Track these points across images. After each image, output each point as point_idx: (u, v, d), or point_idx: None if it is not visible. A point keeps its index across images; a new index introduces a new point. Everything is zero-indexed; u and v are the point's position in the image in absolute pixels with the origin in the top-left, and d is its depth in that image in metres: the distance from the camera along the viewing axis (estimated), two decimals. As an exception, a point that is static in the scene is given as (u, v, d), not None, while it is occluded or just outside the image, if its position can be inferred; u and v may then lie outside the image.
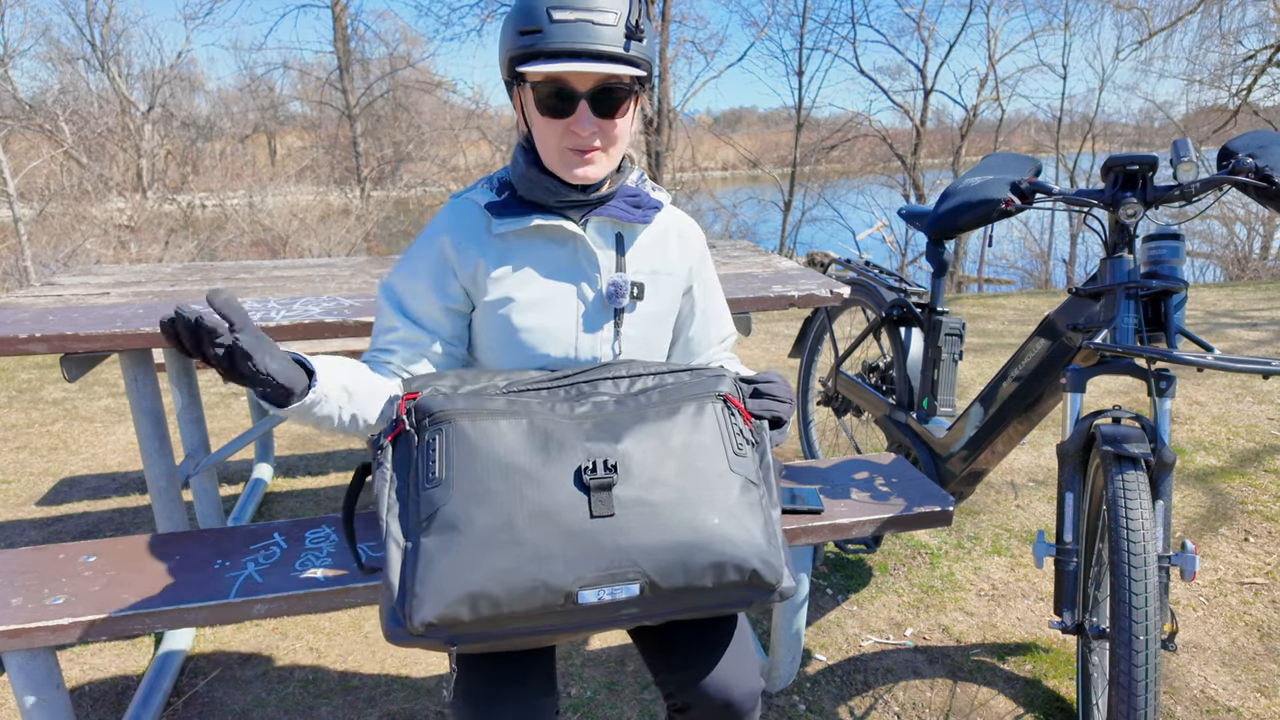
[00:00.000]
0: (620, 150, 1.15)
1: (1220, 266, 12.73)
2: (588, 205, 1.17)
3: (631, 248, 1.22)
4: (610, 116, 1.09)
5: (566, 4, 1.03)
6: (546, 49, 1.03)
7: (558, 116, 1.08)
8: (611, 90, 1.07)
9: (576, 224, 1.18)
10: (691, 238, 1.30)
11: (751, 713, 1.14)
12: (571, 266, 1.19)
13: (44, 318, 1.74)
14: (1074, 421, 1.58)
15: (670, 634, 1.17)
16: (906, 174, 16.35)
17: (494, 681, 1.08)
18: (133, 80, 16.78)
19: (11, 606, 1.30)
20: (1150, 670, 1.29)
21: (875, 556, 2.41)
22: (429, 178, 19.38)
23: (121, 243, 12.44)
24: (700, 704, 1.12)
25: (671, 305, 1.28)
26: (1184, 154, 1.51)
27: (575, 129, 1.08)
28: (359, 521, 1.57)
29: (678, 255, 1.27)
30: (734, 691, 1.12)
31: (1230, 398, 3.69)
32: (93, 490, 2.95)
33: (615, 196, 1.19)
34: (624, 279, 1.19)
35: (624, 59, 1.06)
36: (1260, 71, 12.96)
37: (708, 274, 1.34)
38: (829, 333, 2.73)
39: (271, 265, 2.60)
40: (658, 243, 1.26)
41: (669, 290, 1.26)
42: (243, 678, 1.89)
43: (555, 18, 1.03)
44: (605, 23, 1.03)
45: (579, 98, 1.07)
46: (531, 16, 1.04)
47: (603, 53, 1.04)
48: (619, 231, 1.21)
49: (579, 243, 1.18)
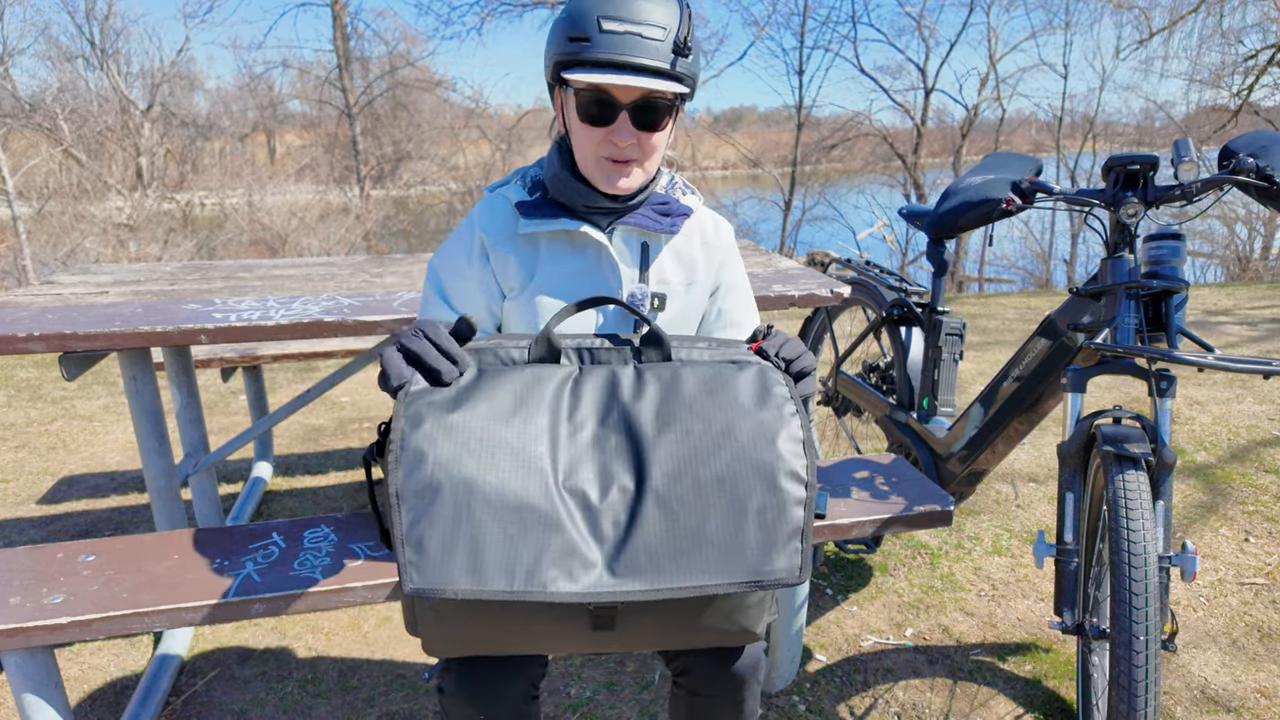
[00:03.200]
0: (656, 162, 1.15)
1: (1221, 266, 12.73)
2: (615, 213, 1.17)
3: (656, 259, 1.22)
4: (650, 130, 1.09)
5: (618, 15, 1.03)
6: (593, 58, 1.03)
7: (598, 125, 1.08)
8: (653, 104, 1.07)
9: (603, 231, 1.18)
10: (716, 242, 1.28)
11: (750, 677, 1.15)
12: (594, 275, 1.19)
13: (43, 316, 1.73)
14: (1074, 421, 1.58)
15: None
16: (907, 173, 16.34)
17: None
18: (132, 79, 16.76)
19: (10, 606, 1.30)
20: (1150, 670, 1.29)
21: (875, 556, 2.41)
22: (428, 176, 19.37)
23: (120, 241, 12.44)
24: (700, 668, 1.14)
25: (694, 313, 1.27)
26: (1185, 154, 1.51)
27: (614, 139, 1.08)
28: (360, 520, 1.57)
29: (703, 262, 1.26)
30: (733, 656, 1.14)
31: (1230, 397, 3.68)
32: (91, 489, 2.94)
33: (644, 204, 1.19)
34: (644, 290, 1.19)
35: (669, 74, 1.06)
36: (1261, 71, 12.95)
37: (734, 276, 1.32)
38: (829, 332, 2.73)
39: (271, 264, 2.60)
40: (684, 249, 1.25)
41: (692, 299, 1.26)
42: (241, 677, 1.89)
43: (605, 27, 1.03)
44: (654, 37, 1.03)
45: (620, 108, 1.07)
46: (582, 23, 1.04)
47: (648, 67, 1.04)
48: (645, 241, 1.21)
49: (603, 252, 1.18)
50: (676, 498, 0.90)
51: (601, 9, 1.03)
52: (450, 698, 1.10)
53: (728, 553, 0.90)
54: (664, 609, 1.02)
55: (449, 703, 1.11)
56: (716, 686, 1.15)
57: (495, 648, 1.05)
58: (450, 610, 1.01)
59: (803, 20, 16.07)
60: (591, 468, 0.92)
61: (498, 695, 1.10)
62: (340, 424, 3.61)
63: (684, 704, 1.20)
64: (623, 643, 1.05)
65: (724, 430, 0.93)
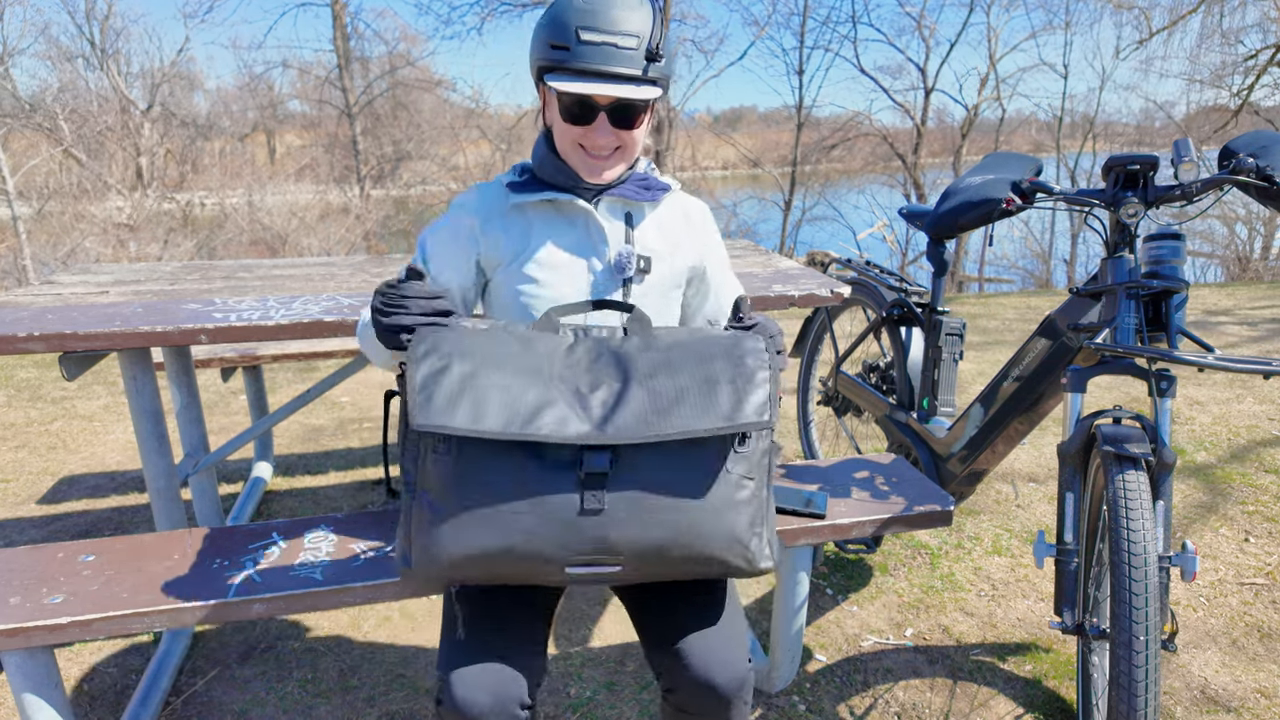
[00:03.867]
0: (635, 153, 1.25)
1: (1221, 266, 12.73)
2: (600, 189, 1.27)
3: (640, 224, 1.31)
4: (628, 128, 1.19)
5: (594, 25, 1.11)
6: (572, 67, 1.12)
7: (578, 124, 1.18)
8: (629, 105, 1.16)
9: (588, 202, 1.27)
10: (698, 218, 1.38)
11: (736, 697, 1.15)
12: (583, 241, 1.28)
13: (43, 316, 1.73)
14: (1074, 421, 1.58)
15: (660, 614, 1.20)
16: (907, 173, 16.35)
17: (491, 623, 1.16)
18: (132, 79, 16.77)
19: (10, 605, 1.30)
20: (1150, 670, 1.29)
21: (875, 556, 2.41)
22: (429, 176, 19.37)
23: (120, 241, 12.44)
24: (685, 687, 1.14)
25: (678, 279, 1.35)
26: (1185, 154, 1.51)
27: (594, 137, 1.18)
28: (360, 520, 1.57)
29: (685, 233, 1.35)
30: (718, 676, 1.13)
31: (1230, 397, 3.69)
32: (91, 489, 2.94)
33: (627, 182, 1.28)
34: (631, 250, 1.27)
35: (642, 80, 1.15)
36: (1261, 71, 12.95)
37: (719, 255, 1.41)
38: (829, 332, 2.73)
39: (271, 264, 2.60)
40: (666, 220, 1.34)
41: (676, 265, 1.33)
42: (241, 677, 1.89)
43: (583, 38, 1.11)
44: (627, 46, 1.12)
45: (599, 110, 1.16)
46: (562, 32, 1.12)
47: (623, 75, 1.13)
48: (628, 211, 1.30)
49: (590, 219, 1.27)
50: (657, 383, 1.05)
51: (580, 20, 1.11)
52: (446, 709, 1.09)
53: (705, 410, 1.03)
54: (654, 483, 1.04)
55: (445, 714, 1.10)
56: (701, 703, 1.14)
57: (483, 564, 1.03)
58: (440, 489, 1.04)
59: (803, 20, 16.10)
60: (585, 377, 1.06)
61: (495, 696, 1.09)
62: (340, 424, 3.61)
63: (671, 719, 1.19)
64: (611, 545, 1.03)
65: (699, 356, 1.08)
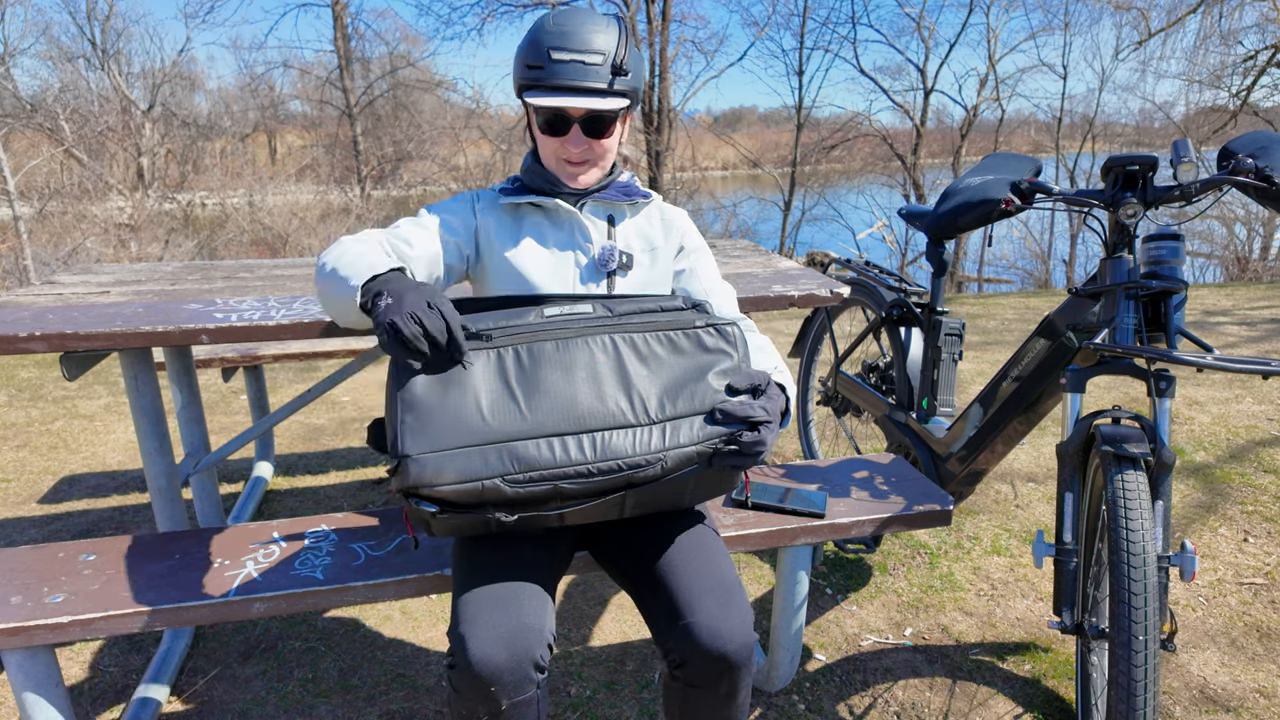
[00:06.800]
0: (610, 159, 1.37)
1: (1220, 267, 12.72)
2: (584, 194, 1.38)
3: (621, 224, 1.41)
4: (599, 137, 1.31)
5: (565, 46, 1.24)
6: (546, 83, 1.25)
7: (555, 135, 1.31)
8: (600, 116, 1.29)
9: (572, 205, 1.38)
10: (678, 223, 1.47)
11: (744, 665, 1.19)
12: (568, 239, 1.39)
13: (44, 316, 1.74)
14: (1074, 421, 1.58)
15: (667, 592, 1.23)
16: (906, 174, 16.34)
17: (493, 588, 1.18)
18: (133, 79, 16.79)
19: (11, 605, 1.30)
20: (1150, 670, 1.29)
21: (875, 556, 2.41)
22: (429, 177, 19.37)
23: (121, 241, 12.44)
24: (696, 656, 1.17)
25: (662, 278, 1.44)
26: (1184, 154, 1.51)
27: (569, 146, 1.30)
28: (361, 519, 1.57)
29: (663, 236, 1.45)
30: (728, 644, 1.17)
31: (1230, 398, 3.69)
32: (92, 489, 2.95)
33: (609, 188, 1.40)
34: (613, 246, 1.38)
35: (609, 93, 1.27)
36: (1260, 72, 12.95)
37: (706, 260, 1.49)
38: (829, 332, 2.73)
39: (272, 264, 2.60)
40: (646, 223, 1.44)
41: (659, 264, 1.43)
42: (242, 676, 1.89)
43: (554, 57, 1.24)
44: (594, 63, 1.25)
45: (573, 121, 1.29)
46: (537, 53, 1.26)
47: (591, 89, 1.25)
48: (611, 213, 1.41)
49: (575, 219, 1.38)
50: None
51: (551, 41, 1.24)
52: (460, 671, 1.09)
53: None
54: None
55: (459, 677, 1.09)
56: (710, 671, 1.17)
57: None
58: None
59: (802, 21, 16.08)
60: None
61: (511, 652, 1.09)
62: (341, 424, 3.61)
63: (678, 696, 1.22)
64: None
65: None
